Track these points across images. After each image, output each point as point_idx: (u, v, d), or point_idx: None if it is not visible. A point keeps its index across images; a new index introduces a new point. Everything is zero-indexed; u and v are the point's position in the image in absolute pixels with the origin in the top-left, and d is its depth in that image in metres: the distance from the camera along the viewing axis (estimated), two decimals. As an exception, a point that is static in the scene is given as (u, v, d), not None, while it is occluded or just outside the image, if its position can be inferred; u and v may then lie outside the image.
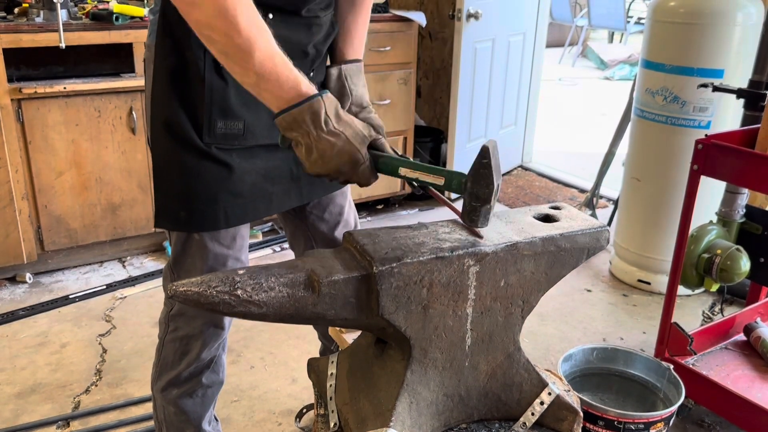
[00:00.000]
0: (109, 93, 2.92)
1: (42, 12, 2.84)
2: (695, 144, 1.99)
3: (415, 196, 4.01)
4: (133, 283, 3.04)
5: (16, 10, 2.91)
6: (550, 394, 1.20)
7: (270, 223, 3.59)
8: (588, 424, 1.81)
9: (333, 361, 1.27)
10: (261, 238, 3.47)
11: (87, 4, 3.06)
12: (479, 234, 1.13)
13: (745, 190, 2.23)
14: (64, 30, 2.71)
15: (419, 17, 3.61)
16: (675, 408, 1.85)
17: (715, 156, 1.95)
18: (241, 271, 1.02)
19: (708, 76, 2.61)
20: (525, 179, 4.56)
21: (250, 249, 2.95)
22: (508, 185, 4.42)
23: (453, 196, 3.93)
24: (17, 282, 3.02)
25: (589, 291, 3.09)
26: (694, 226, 2.14)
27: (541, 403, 1.19)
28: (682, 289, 2.33)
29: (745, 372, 2.19)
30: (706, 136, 2.00)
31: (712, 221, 2.28)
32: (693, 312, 2.84)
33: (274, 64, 1.09)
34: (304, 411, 2.22)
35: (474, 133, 4.07)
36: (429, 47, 4.44)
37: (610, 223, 3.42)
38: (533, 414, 1.19)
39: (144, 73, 1.43)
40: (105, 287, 2.99)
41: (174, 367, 1.56)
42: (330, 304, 1.03)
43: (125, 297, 2.93)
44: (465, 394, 1.17)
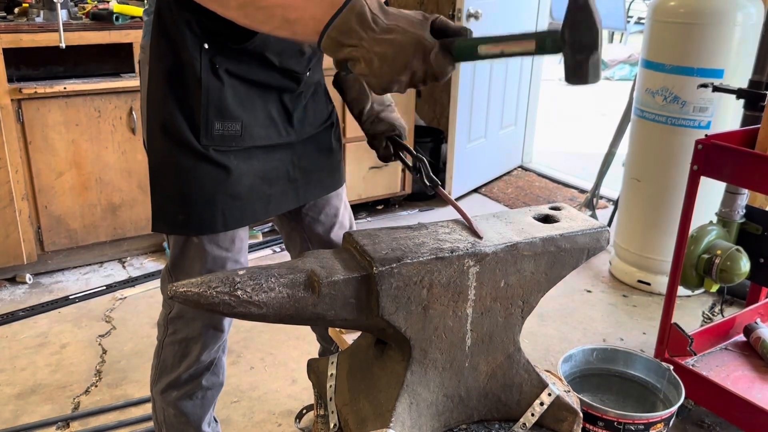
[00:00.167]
0: (109, 93, 2.92)
1: (42, 12, 2.84)
2: (695, 144, 1.99)
3: (415, 197, 4.01)
4: (133, 284, 3.04)
5: (16, 10, 2.91)
6: (549, 394, 1.20)
7: (270, 224, 3.59)
8: (588, 425, 1.81)
9: (333, 362, 1.27)
10: (261, 239, 3.47)
11: (87, 4, 3.06)
12: (479, 234, 1.13)
13: (745, 191, 2.23)
14: (64, 30, 2.71)
15: (419, 17, 3.60)
16: (675, 409, 1.85)
17: (715, 156, 1.95)
18: (241, 272, 1.02)
19: (708, 76, 2.61)
20: (525, 179, 4.56)
21: (250, 249, 2.95)
22: (507, 185, 4.43)
23: (453, 196, 3.94)
24: (17, 282, 3.02)
25: (589, 292, 3.09)
26: (694, 226, 2.14)
27: (541, 403, 1.19)
28: (682, 290, 2.33)
29: (745, 373, 2.19)
30: (706, 136, 2.00)
31: (712, 222, 2.28)
32: (693, 313, 2.84)
33: None
34: (304, 412, 2.22)
35: (474, 133, 4.07)
36: (429, 47, 4.43)
37: (610, 224, 3.41)
38: (533, 415, 1.19)
39: (139, 75, 1.42)
40: (105, 288, 2.99)
41: (173, 369, 1.56)
42: (330, 304, 1.03)
43: (125, 298, 2.93)
44: (465, 395, 1.17)
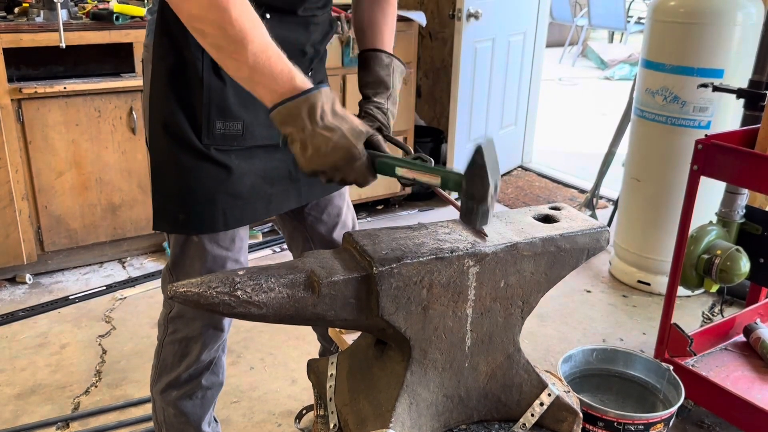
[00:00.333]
0: (110, 93, 2.92)
1: (42, 12, 2.84)
2: (695, 144, 1.99)
3: (415, 197, 4.01)
4: (133, 284, 3.04)
5: (17, 10, 2.91)
6: (549, 395, 1.20)
7: (270, 224, 3.59)
8: (588, 425, 1.81)
9: (333, 362, 1.27)
10: (261, 239, 3.47)
11: (87, 3, 3.06)
12: (484, 234, 1.13)
13: (745, 191, 2.23)
14: (65, 30, 2.71)
15: (419, 17, 3.61)
16: (675, 409, 1.85)
17: (715, 156, 1.95)
18: (241, 272, 1.02)
19: (708, 76, 2.61)
20: (525, 179, 4.56)
21: (250, 249, 2.95)
22: (508, 185, 4.42)
23: (453, 196, 3.93)
24: (17, 283, 3.02)
25: (588, 292, 3.09)
26: (694, 226, 2.14)
27: (541, 404, 1.19)
28: (681, 290, 2.32)
29: (745, 373, 2.19)
30: (706, 136, 2.00)
31: (712, 222, 2.28)
32: (693, 313, 2.84)
33: (267, 56, 1.07)
34: (304, 412, 2.22)
35: (474, 132, 4.07)
36: (429, 47, 4.44)
37: (609, 224, 3.41)
38: (533, 415, 1.19)
39: (142, 74, 1.42)
40: (105, 288, 2.99)
41: (173, 369, 1.56)
42: (330, 304, 1.03)
43: (125, 298, 2.93)
44: (465, 395, 1.17)
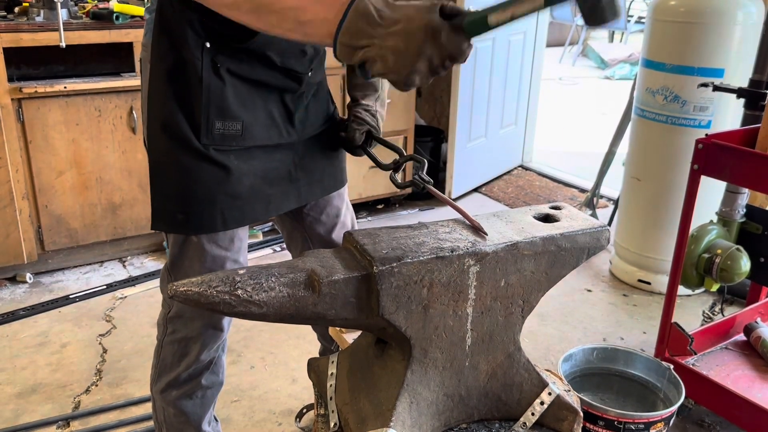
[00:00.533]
0: (110, 92, 2.92)
1: (42, 11, 2.84)
2: (695, 144, 1.99)
3: (415, 196, 4.01)
4: (134, 283, 3.04)
5: (17, 9, 2.91)
6: (550, 394, 1.20)
7: (270, 223, 3.58)
8: (588, 424, 1.81)
9: (333, 361, 1.27)
10: (261, 238, 3.47)
11: (87, 3, 3.06)
12: (484, 232, 1.13)
13: (746, 190, 2.22)
14: (65, 29, 2.71)
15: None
16: (675, 408, 1.85)
17: (715, 156, 1.95)
18: (241, 271, 1.02)
19: (708, 76, 2.61)
20: (525, 179, 4.56)
21: (250, 249, 2.95)
22: (508, 185, 4.43)
23: (453, 195, 3.94)
24: (17, 282, 3.02)
25: (589, 291, 3.09)
26: (694, 226, 2.14)
27: (542, 403, 1.19)
28: (682, 289, 2.32)
29: (746, 372, 2.19)
30: (707, 135, 2.00)
31: (712, 221, 2.28)
32: (693, 312, 2.84)
33: None
34: (305, 411, 2.22)
35: (474, 132, 4.07)
36: (429, 47, 4.42)
37: (610, 223, 3.41)
38: (533, 414, 1.19)
39: (140, 73, 1.42)
40: (105, 287, 2.99)
41: (173, 368, 1.56)
42: (330, 303, 1.03)
43: (125, 297, 2.93)
44: (465, 394, 1.17)
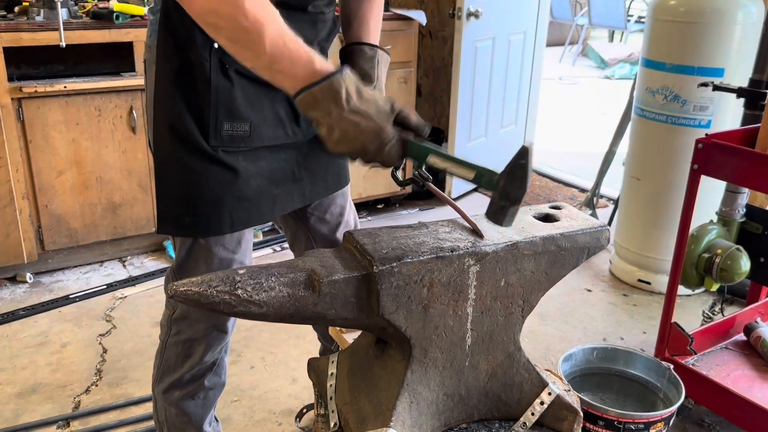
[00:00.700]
0: (110, 92, 2.92)
1: (42, 11, 2.84)
2: (695, 143, 1.99)
3: (415, 196, 4.01)
4: (134, 283, 3.04)
5: (17, 9, 2.91)
6: (550, 393, 1.20)
7: (270, 223, 3.58)
8: (588, 424, 1.81)
9: (333, 361, 1.27)
10: (261, 238, 3.47)
11: (87, 2, 3.05)
12: (481, 233, 1.13)
13: (746, 190, 2.22)
14: (65, 29, 2.70)
15: (419, 16, 3.61)
16: (675, 408, 1.85)
17: (715, 155, 1.95)
18: (241, 271, 1.02)
19: (708, 75, 2.61)
20: (525, 178, 4.55)
21: (250, 248, 2.94)
22: (508, 184, 4.42)
23: (453, 195, 3.93)
24: (17, 282, 3.02)
25: (589, 291, 3.09)
26: (694, 225, 2.14)
27: (542, 403, 1.19)
28: (682, 289, 2.32)
29: (746, 372, 2.19)
30: (707, 135, 2.00)
31: (712, 221, 2.28)
32: (693, 312, 2.84)
33: (285, 43, 1.05)
34: (305, 411, 2.22)
35: (474, 132, 4.07)
36: (429, 46, 4.43)
37: (610, 223, 3.41)
38: (533, 414, 1.19)
39: (144, 74, 1.42)
40: (105, 287, 2.99)
41: (176, 369, 1.55)
42: (330, 303, 1.03)
43: (125, 297, 2.93)
44: (465, 394, 1.17)
